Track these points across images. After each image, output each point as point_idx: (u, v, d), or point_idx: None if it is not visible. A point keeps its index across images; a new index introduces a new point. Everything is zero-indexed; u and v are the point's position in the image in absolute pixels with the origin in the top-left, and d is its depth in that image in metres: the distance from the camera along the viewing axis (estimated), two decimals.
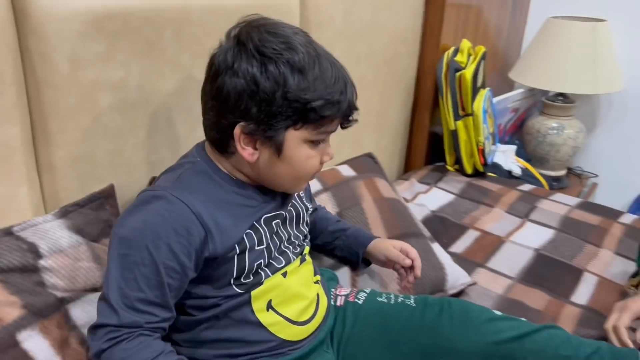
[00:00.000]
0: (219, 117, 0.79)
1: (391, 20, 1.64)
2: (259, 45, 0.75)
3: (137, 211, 0.76)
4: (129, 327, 0.73)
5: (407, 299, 1.02)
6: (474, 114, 1.78)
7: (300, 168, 0.82)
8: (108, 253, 0.76)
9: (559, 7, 2.28)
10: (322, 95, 0.76)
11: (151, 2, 0.97)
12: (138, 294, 0.73)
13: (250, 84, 0.75)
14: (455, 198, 1.69)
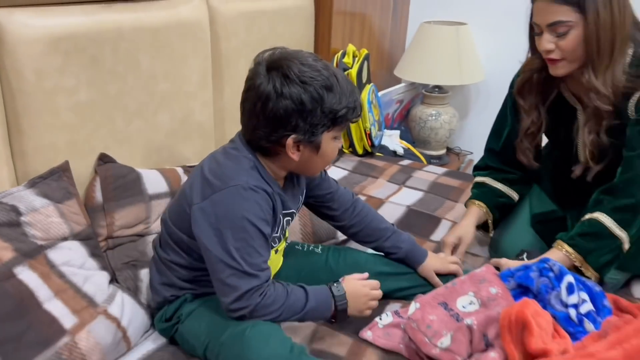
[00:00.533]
0: (272, 132, 1.04)
1: (287, 31, 2.00)
2: (299, 74, 1.01)
3: (235, 202, 1.04)
4: (267, 281, 1.06)
5: (316, 248, 1.39)
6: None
7: (329, 158, 1.13)
8: (215, 240, 1.04)
9: (430, 13, 2.74)
10: (346, 105, 1.05)
11: (93, 26, 1.27)
12: (261, 258, 1.05)
13: (298, 104, 1.01)
14: (349, 173, 2.08)
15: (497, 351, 0.99)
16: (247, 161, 1.10)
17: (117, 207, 1.33)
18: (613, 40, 1.22)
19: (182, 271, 1.17)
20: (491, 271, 1.19)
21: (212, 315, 1.13)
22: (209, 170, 1.10)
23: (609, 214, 1.29)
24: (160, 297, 1.20)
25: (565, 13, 1.22)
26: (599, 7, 1.20)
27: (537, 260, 1.20)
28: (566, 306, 1.09)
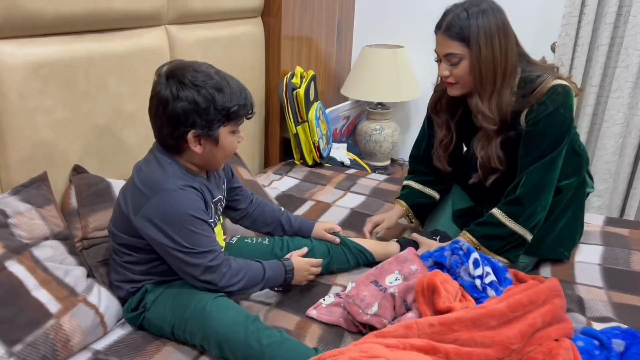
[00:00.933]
0: (174, 130, 1.23)
1: (240, 55, 2.21)
2: (192, 80, 1.21)
3: (172, 203, 1.23)
4: (222, 251, 1.27)
5: (264, 240, 1.60)
6: (309, 121, 2.41)
7: (229, 150, 1.32)
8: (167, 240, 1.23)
9: (371, 37, 3.01)
10: (237, 102, 1.26)
11: (67, 54, 1.46)
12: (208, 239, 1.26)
13: (193, 104, 1.20)
14: (300, 182, 2.30)
15: (414, 312, 1.22)
16: (169, 166, 1.28)
17: (91, 211, 1.50)
18: (495, 72, 1.47)
19: (135, 267, 1.35)
20: (412, 252, 1.43)
21: (174, 299, 1.31)
22: (139, 181, 1.29)
23: (501, 208, 1.56)
24: (123, 292, 1.38)
25: (456, 47, 1.47)
26: (481, 45, 1.45)
27: (450, 243, 1.44)
28: (472, 277, 1.33)
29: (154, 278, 1.36)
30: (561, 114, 1.49)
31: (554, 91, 1.48)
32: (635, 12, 2.37)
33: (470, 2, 1.49)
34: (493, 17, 1.46)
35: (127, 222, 1.30)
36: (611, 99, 2.52)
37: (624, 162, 2.60)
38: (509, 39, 1.49)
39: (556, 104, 1.48)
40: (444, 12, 1.52)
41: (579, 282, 1.62)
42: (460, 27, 1.46)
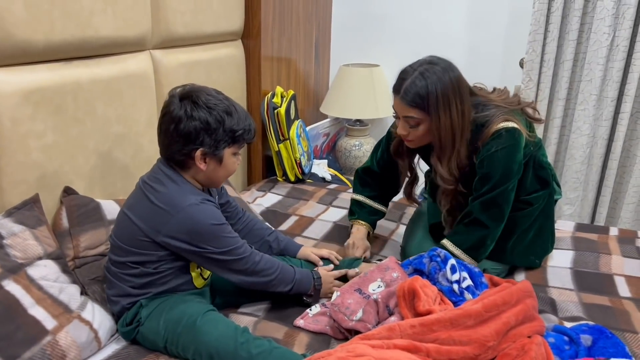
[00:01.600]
0: (184, 146, 1.32)
1: (221, 77, 2.28)
2: (206, 102, 1.31)
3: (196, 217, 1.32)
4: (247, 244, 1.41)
5: None
6: (290, 138, 2.49)
7: (230, 170, 1.41)
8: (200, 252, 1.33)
9: (348, 57, 3.12)
10: (243, 127, 1.36)
11: (57, 80, 1.51)
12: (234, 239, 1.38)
13: (204, 124, 1.30)
14: (283, 198, 2.37)
15: (397, 315, 1.29)
16: (182, 183, 1.38)
17: (82, 231, 1.55)
18: (453, 136, 1.53)
19: (135, 280, 1.39)
20: (393, 261, 1.50)
21: (167, 314, 1.36)
22: (158, 200, 1.35)
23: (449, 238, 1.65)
24: (118, 307, 1.42)
25: (414, 112, 1.51)
26: (440, 113, 1.49)
27: (428, 250, 1.52)
28: (450, 282, 1.41)
29: (151, 291, 1.40)
30: (501, 155, 1.54)
31: (498, 135, 1.54)
32: (595, 29, 2.51)
33: (426, 65, 1.50)
34: (448, 79, 1.48)
35: (139, 238, 1.35)
36: (577, 111, 2.65)
37: (592, 171, 2.72)
38: (464, 98, 1.53)
39: (498, 147, 1.54)
40: (401, 75, 1.54)
41: (552, 285, 1.70)
42: (418, 94, 1.47)
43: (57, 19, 1.46)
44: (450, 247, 1.63)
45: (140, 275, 1.39)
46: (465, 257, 1.62)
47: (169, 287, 1.41)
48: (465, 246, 1.62)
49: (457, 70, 1.54)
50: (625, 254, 1.88)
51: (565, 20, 2.59)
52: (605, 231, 2.09)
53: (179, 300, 1.39)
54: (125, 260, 1.39)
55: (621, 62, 2.51)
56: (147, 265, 1.38)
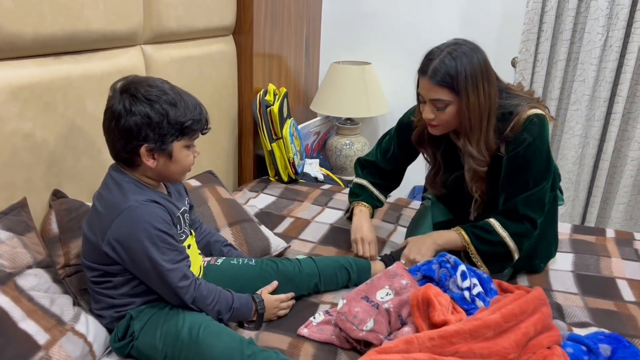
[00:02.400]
0: (127, 144, 1.24)
1: (214, 73, 2.21)
2: (146, 94, 1.23)
3: (135, 219, 1.22)
4: (188, 264, 1.31)
5: (250, 261, 1.58)
6: (283, 137, 2.42)
7: (184, 164, 1.32)
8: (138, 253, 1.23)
9: (338, 54, 3.07)
10: (190, 117, 1.27)
11: (46, 76, 1.42)
12: (174, 252, 1.26)
13: (146, 118, 1.22)
14: (276, 199, 2.30)
15: (410, 326, 1.24)
16: (127, 184, 1.29)
17: (72, 237, 1.46)
18: (481, 118, 1.49)
19: (115, 292, 1.32)
20: (401, 267, 1.45)
21: (163, 327, 1.28)
22: (101, 206, 1.28)
23: (496, 218, 1.59)
24: (106, 320, 1.34)
25: (443, 93, 1.47)
26: (469, 93, 1.45)
27: (437, 256, 1.48)
28: (461, 289, 1.37)
29: (136, 300, 1.33)
30: (538, 146, 1.52)
31: (530, 122, 1.51)
32: (589, 29, 2.50)
33: (453, 46, 1.47)
34: (477, 60, 1.46)
35: (99, 252, 1.28)
36: (570, 112, 2.65)
37: (584, 172, 2.72)
38: (492, 80, 1.51)
39: (533, 135, 1.51)
40: (428, 56, 1.50)
41: (555, 290, 1.68)
42: (448, 73, 1.44)
43: (47, 12, 1.37)
44: (497, 227, 1.56)
45: (116, 287, 1.32)
46: (510, 240, 1.56)
47: (153, 296, 1.33)
48: (512, 230, 1.56)
49: (484, 52, 1.50)
50: (625, 256, 1.87)
51: (559, 19, 2.58)
52: (602, 233, 2.08)
53: (172, 310, 1.32)
54: (95, 277, 1.32)
55: (614, 62, 2.51)
56: (118, 276, 1.30)
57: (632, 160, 2.61)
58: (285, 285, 1.53)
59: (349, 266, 1.62)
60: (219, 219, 1.81)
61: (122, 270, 1.29)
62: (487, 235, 1.58)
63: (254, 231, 1.82)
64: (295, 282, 1.55)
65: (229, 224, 1.81)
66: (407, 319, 1.28)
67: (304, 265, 1.59)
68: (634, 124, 2.59)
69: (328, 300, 1.58)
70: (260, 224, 1.90)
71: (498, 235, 1.57)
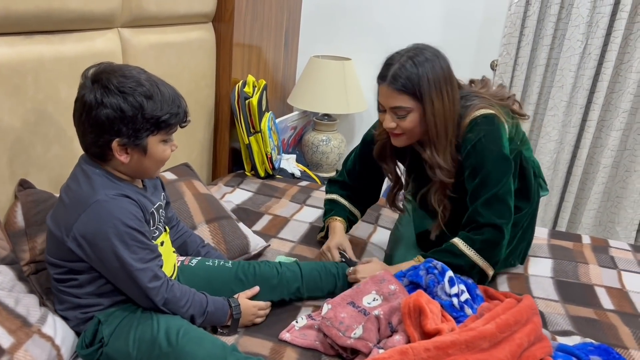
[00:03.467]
0: (98, 137, 1.15)
1: (192, 61, 2.12)
2: (118, 86, 1.13)
3: (103, 215, 1.14)
4: (159, 263, 1.23)
5: (227, 263, 1.51)
6: (261, 131, 2.35)
7: (160, 159, 1.23)
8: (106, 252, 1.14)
9: (318, 48, 3.00)
10: (167, 111, 1.18)
11: (16, 57, 1.31)
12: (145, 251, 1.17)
13: (118, 112, 1.12)
14: (253, 195, 2.23)
15: (401, 334, 1.20)
16: (97, 177, 1.20)
17: (39, 231, 1.36)
18: (446, 124, 1.44)
19: (80, 291, 1.23)
20: (388, 273, 1.41)
21: (137, 332, 1.20)
22: (67, 198, 1.19)
23: (460, 236, 1.50)
24: (73, 322, 1.25)
25: (404, 100, 1.41)
26: (433, 99, 1.39)
27: (424, 262, 1.44)
28: (450, 296, 1.33)
29: (103, 301, 1.24)
30: (485, 144, 1.45)
31: (474, 123, 1.46)
32: (569, 36, 2.52)
33: (414, 51, 1.42)
34: (439, 65, 1.41)
35: (63, 248, 1.19)
36: (547, 117, 2.67)
37: (558, 177, 2.75)
38: (454, 85, 1.46)
39: (478, 135, 1.45)
40: (387, 61, 1.44)
41: (536, 296, 1.67)
42: (409, 79, 1.38)
43: None
44: (463, 247, 1.47)
45: (81, 285, 1.23)
46: (479, 258, 1.47)
47: (122, 296, 1.24)
48: (478, 245, 1.46)
49: (446, 58, 1.45)
50: (602, 263, 1.88)
51: (540, 24, 2.59)
52: (578, 239, 2.10)
53: (145, 313, 1.23)
54: (59, 275, 1.23)
55: (592, 70, 2.54)
56: (83, 274, 1.21)
57: (604, 168, 2.65)
58: (264, 289, 1.45)
59: (335, 272, 1.54)
60: (196, 215, 1.73)
61: (88, 267, 1.20)
62: (455, 259, 1.47)
63: (232, 229, 1.74)
64: (274, 286, 1.47)
65: (206, 221, 1.73)
66: (398, 326, 1.24)
67: (285, 269, 1.51)
68: (607, 132, 2.62)
69: (310, 303, 1.53)
70: (238, 221, 1.83)
71: (465, 257, 1.48)
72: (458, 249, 1.48)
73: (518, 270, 1.81)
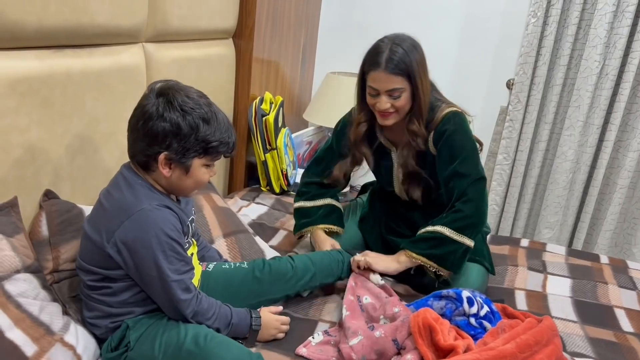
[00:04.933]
0: (148, 147, 1.19)
1: (212, 76, 2.15)
2: (182, 103, 1.17)
3: (146, 224, 1.16)
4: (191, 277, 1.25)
5: (242, 264, 1.53)
6: (277, 148, 2.36)
7: (199, 181, 1.26)
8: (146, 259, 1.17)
9: (334, 64, 3.03)
10: (219, 139, 1.22)
11: (46, 70, 1.34)
12: (181, 263, 1.19)
13: (175, 127, 1.17)
14: (269, 209, 2.24)
15: (412, 353, 1.19)
16: (139, 187, 1.23)
17: (62, 241, 1.38)
18: (427, 101, 1.61)
19: (113, 299, 1.25)
20: (396, 298, 1.42)
21: (162, 337, 1.22)
22: (110, 206, 1.22)
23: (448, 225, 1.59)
24: (101, 330, 1.27)
25: (399, 81, 1.55)
26: (421, 76, 1.56)
27: (430, 295, 1.45)
28: (467, 316, 1.33)
29: (135, 310, 1.26)
30: (460, 135, 1.61)
31: (447, 117, 1.62)
32: (587, 56, 2.52)
33: (397, 38, 1.57)
34: (420, 50, 1.58)
35: (101, 253, 1.21)
36: (563, 137, 2.66)
37: (573, 197, 2.74)
38: (427, 67, 1.63)
39: (455, 127, 1.61)
40: (374, 50, 1.57)
41: (555, 316, 1.66)
42: (402, 61, 1.53)
43: (52, 1, 1.29)
44: (449, 233, 1.58)
45: (115, 294, 1.25)
46: (468, 239, 1.59)
47: (153, 305, 1.27)
48: (454, 223, 1.59)
49: (419, 42, 1.61)
50: (621, 284, 1.87)
51: (557, 44, 2.60)
52: (597, 259, 2.09)
53: (172, 321, 1.26)
54: (92, 281, 1.25)
55: (609, 90, 2.54)
56: (118, 282, 1.23)
57: (621, 188, 2.63)
58: (280, 285, 1.50)
59: (340, 258, 1.63)
60: (214, 229, 1.74)
61: (123, 275, 1.22)
62: (447, 247, 1.58)
63: (249, 243, 1.75)
64: (289, 279, 1.51)
65: (223, 235, 1.74)
66: (405, 342, 1.23)
67: (297, 261, 1.56)
68: (624, 152, 2.61)
69: (327, 318, 1.53)
70: (255, 235, 1.84)
71: (455, 243, 1.58)
72: (444, 235, 1.58)
73: (536, 288, 1.80)
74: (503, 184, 2.81)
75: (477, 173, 1.62)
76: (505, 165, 2.78)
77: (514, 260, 2.00)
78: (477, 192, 1.60)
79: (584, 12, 2.51)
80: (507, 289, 1.80)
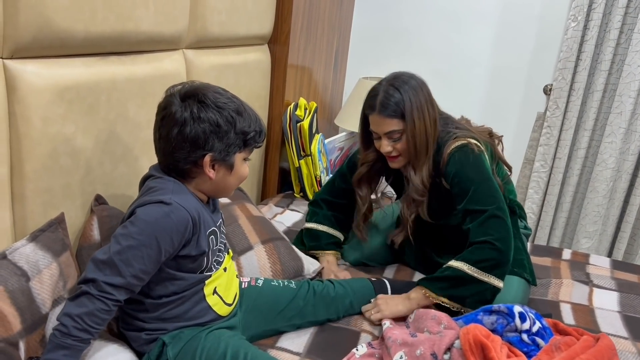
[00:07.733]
0: (191, 153, 1.14)
1: (248, 82, 2.13)
2: (214, 101, 1.15)
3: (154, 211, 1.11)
4: (126, 288, 1.08)
5: (290, 284, 1.52)
6: (311, 154, 2.34)
7: (241, 177, 1.25)
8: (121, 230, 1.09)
9: (366, 69, 3.00)
10: (254, 128, 1.20)
11: (92, 77, 1.34)
12: (136, 268, 1.08)
13: (214, 126, 1.14)
14: (303, 216, 2.21)
15: None
16: (171, 183, 1.19)
17: None
18: (427, 143, 1.55)
19: (145, 315, 1.22)
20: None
21: (202, 353, 1.19)
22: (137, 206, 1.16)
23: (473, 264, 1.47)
24: (138, 342, 1.24)
25: (395, 123, 1.53)
26: (414, 118, 1.51)
27: (478, 309, 1.39)
28: (519, 332, 1.28)
29: (168, 326, 1.23)
30: (462, 177, 1.53)
31: (453, 154, 1.54)
32: (629, 61, 2.45)
33: (395, 79, 1.55)
34: (420, 90, 1.53)
35: None
36: (604, 144, 2.59)
37: (614, 206, 2.66)
38: (434, 104, 1.58)
39: (455, 167, 1.53)
40: (371, 93, 1.57)
41: (604, 332, 1.60)
42: (395, 103, 1.51)
43: (99, 9, 1.29)
44: (460, 265, 1.46)
45: (147, 310, 1.22)
46: (495, 280, 1.45)
47: (187, 321, 1.24)
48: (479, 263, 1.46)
49: (422, 80, 1.58)
50: None
51: (598, 49, 2.53)
52: None
53: (210, 335, 1.23)
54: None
55: None
56: (149, 298, 1.20)
57: None
58: (323, 307, 1.49)
59: (370, 286, 1.61)
60: (251, 237, 1.72)
61: (155, 291, 1.19)
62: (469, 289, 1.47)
63: (287, 250, 1.73)
64: (330, 302, 1.51)
65: (262, 242, 1.72)
66: (443, 356, 1.19)
67: (337, 285, 1.56)
68: None
69: (369, 329, 1.50)
70: (292, 243, 1.82)
71: (482, 283, 1.46)
72: (465, 274, 1.46)
73: (582, 301, 1.74)
74: (540, 192, 2.75)
75: (492, 204, 1.49)
76: (542, 172, 2.71)
77: (557, 272, 1.94)
78: (497, 227, 1.48)
79: (626, 15, 2.45)
80: (552, 301, 1.74)
